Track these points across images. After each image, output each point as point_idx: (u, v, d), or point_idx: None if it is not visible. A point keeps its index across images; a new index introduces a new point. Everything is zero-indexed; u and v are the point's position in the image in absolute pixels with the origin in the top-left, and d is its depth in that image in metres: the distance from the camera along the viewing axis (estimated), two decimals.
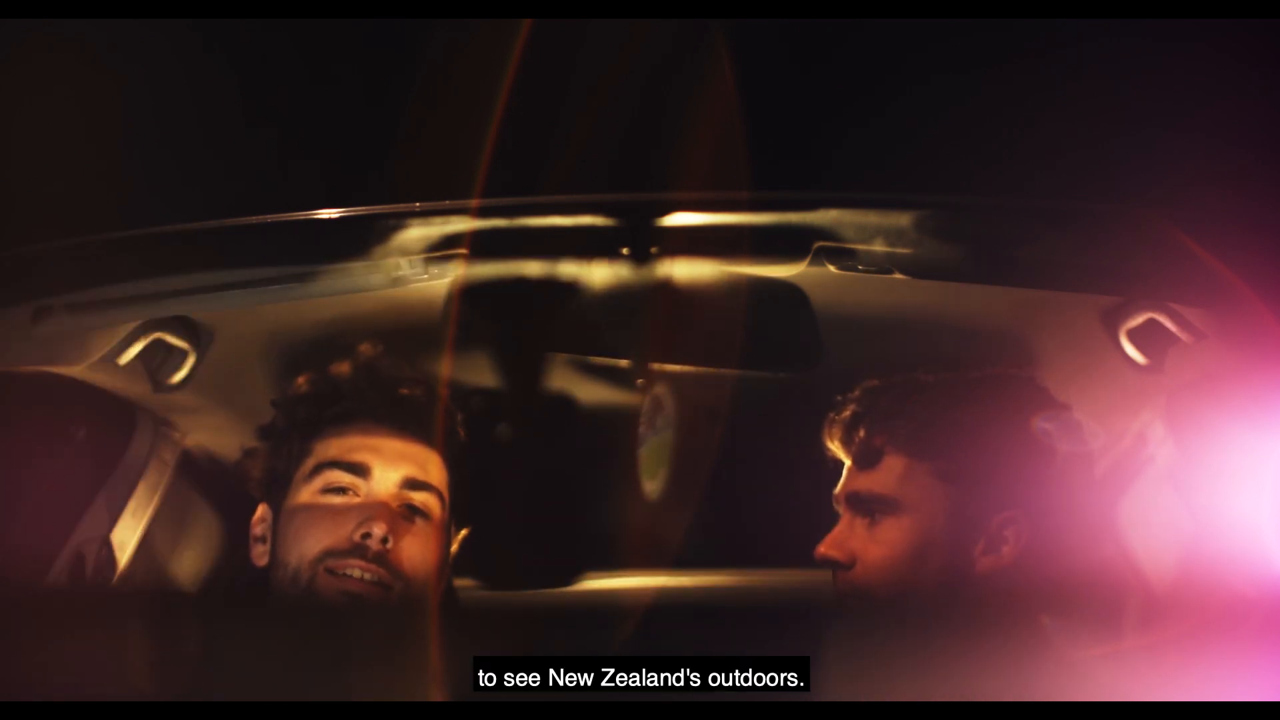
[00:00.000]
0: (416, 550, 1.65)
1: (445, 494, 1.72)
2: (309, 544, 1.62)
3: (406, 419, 1.72)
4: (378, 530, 1.60)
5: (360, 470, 1.67)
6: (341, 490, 1.66)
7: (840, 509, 1.73)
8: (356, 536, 1.61)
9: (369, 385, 1.74)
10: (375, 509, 1.63)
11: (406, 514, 1.67)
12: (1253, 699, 1.22)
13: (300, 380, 1.78)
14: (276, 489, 1.72)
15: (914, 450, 1.68)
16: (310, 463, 1.69)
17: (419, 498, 1.68)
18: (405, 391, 1.74)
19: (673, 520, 2.06)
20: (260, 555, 1.71)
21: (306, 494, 1.67)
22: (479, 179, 2.04)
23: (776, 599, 2.12)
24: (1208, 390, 1.75)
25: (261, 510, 1.74)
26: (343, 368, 1.76)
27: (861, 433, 1.72)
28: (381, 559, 1.61)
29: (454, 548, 1.78)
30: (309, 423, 1.72)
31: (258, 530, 1.73)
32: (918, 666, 1.28)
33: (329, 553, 1.61)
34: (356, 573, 1.60)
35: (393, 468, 1.68)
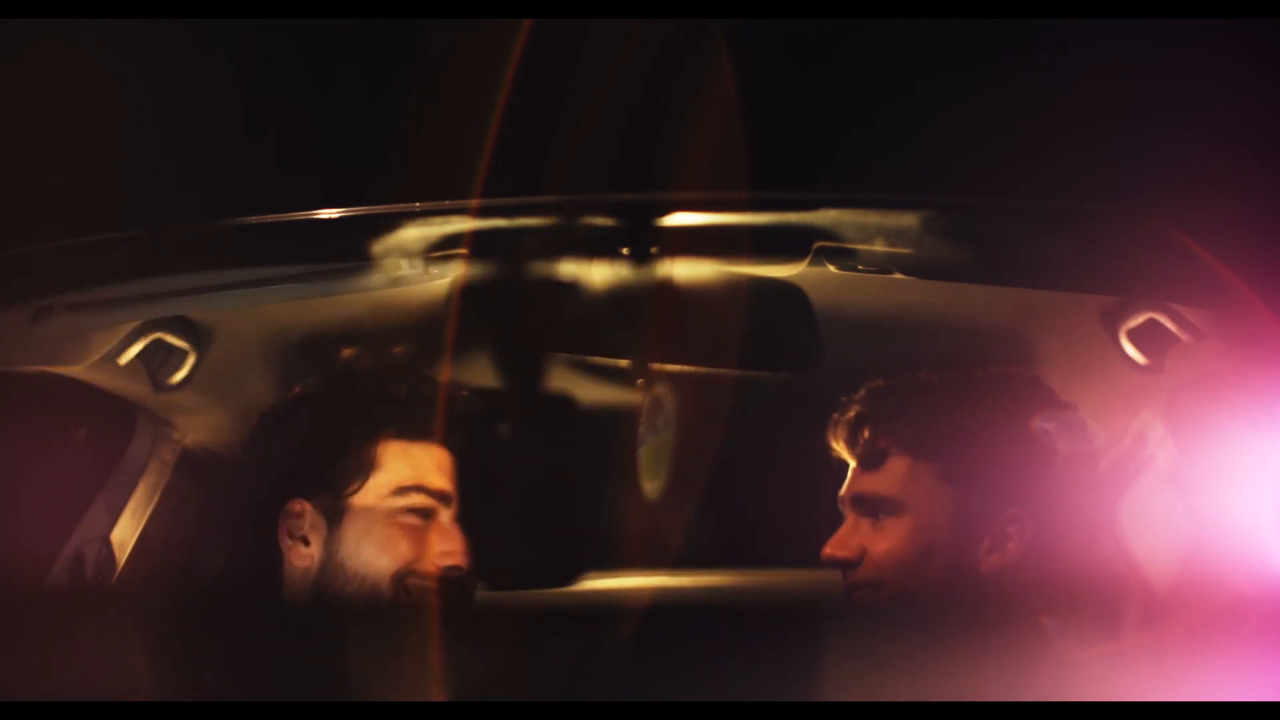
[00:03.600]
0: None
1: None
2: (385, 561, 1.67)
3: (459, 439, 1.78)
4: (465, 565, 1.70)
5: (445, 498, 1.73)
6: (425, 512, 1.71)
7: (845, 510, 1.73)
8: (443, 564, 1.68)
9: (420, 397, 1.76)
10: (457, 540, 1.71)
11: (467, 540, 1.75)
12: (1253, 699, 1.22)
13: (341, 381, 1.77)
14: (324, 491, 1.70)
15: (918, 452, 1.68)
16: (386, 479, 1.71)
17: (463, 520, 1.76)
18: (446, 404, 1.77)
19: (673, 520, 2.06)
20: (302, 557, 1.70)
21: (386, 508, 1.70)
22: (479, 179, 2.04)
23: (777, 599, 2.12)
24: (1208, 390, 1.75)
25: (298, 506, 1.71)
26: (388, 373, 1.76)
27: (866, 434, 1.72)
28: (455, 583, 1.70)
29: None
30: (371, 433, 1.73)
31: (294, 527, 1.71)
32: (919, 666, 1.28)
33: (412, 574, 1.67)
34: (433, 596, 1.67)
35: (459, 493, 1.75)
